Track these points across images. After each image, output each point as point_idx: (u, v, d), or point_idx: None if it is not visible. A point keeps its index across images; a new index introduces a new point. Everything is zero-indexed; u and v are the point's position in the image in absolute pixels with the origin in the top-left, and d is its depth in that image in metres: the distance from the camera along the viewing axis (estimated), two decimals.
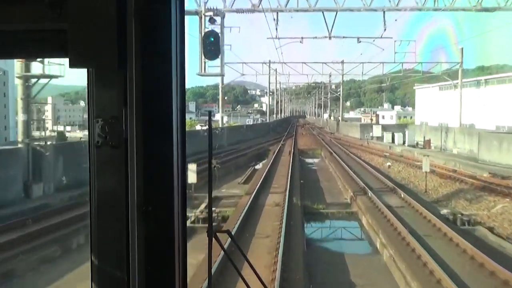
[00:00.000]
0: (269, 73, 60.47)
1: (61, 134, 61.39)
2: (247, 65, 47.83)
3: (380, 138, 45.53)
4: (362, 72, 47.87)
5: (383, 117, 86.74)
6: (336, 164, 28.75)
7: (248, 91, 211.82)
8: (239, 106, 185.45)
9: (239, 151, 33.52)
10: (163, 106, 1.13)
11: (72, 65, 1.10)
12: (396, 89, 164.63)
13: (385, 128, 48.35)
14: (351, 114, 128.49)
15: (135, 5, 1.09)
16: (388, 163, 28.24)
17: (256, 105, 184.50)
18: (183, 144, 1.18)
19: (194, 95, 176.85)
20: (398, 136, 41.67)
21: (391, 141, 42.67)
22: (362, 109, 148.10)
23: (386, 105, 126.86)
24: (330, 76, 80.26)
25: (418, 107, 66.11)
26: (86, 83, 1.17)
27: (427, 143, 38.19)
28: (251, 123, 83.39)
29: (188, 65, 1.23)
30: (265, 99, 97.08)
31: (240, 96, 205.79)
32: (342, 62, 51.62)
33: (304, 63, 49.32)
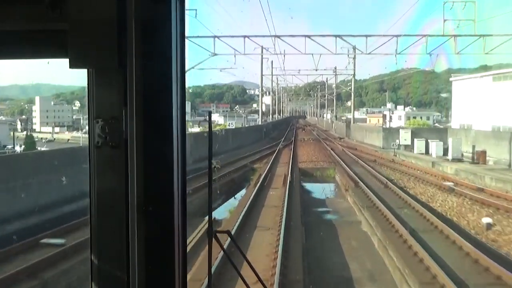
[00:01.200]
0: (261, 53, 44.11)
1: (30, 139, 53.48)
2: (221, 40, 33.56)
3: (409, 147, 34.60)
4: (396, 50, 34.60)
5: (390, 117, 75.57)
6: (372, 212, 14.96)
7: (247, 91, 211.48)
8: (237, 106, 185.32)
9: (202, 178, 18.38)
10: (163, 106, 1.13)
11: (72, 65, 1.10)
12: (398, 88, 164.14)
13: (414, 133, 36.34)
14: (355, 115, 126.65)
15: (135, 5, 1.10)
16: (487, 221, 14.33)
17: (254, 105, 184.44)
18: (183, 144, 1.18)
19: (190, 95, 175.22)
20: (436, 146, 30.48)
21: (424, 152, 32.17)
22: (365, 109, 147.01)
23: (389, 105, 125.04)
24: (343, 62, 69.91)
25: (456, 105, 48.68)
26: (86, 84, 1.17)
27: (480, 156, 26.32)
28: (233, 127, 63.00)
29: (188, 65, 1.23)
30: (264, 99, 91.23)
31: (238, 96, 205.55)
32: (356, 43, 39.70)
33: (308, 36, 34.87)
